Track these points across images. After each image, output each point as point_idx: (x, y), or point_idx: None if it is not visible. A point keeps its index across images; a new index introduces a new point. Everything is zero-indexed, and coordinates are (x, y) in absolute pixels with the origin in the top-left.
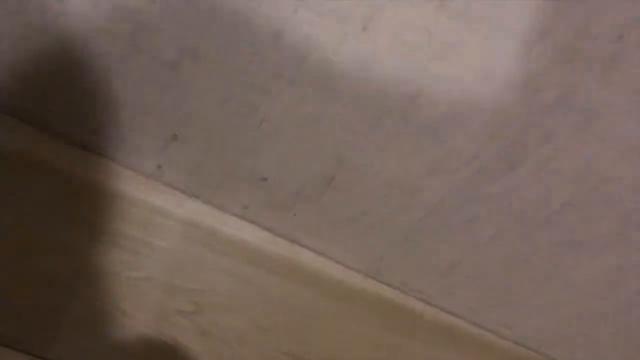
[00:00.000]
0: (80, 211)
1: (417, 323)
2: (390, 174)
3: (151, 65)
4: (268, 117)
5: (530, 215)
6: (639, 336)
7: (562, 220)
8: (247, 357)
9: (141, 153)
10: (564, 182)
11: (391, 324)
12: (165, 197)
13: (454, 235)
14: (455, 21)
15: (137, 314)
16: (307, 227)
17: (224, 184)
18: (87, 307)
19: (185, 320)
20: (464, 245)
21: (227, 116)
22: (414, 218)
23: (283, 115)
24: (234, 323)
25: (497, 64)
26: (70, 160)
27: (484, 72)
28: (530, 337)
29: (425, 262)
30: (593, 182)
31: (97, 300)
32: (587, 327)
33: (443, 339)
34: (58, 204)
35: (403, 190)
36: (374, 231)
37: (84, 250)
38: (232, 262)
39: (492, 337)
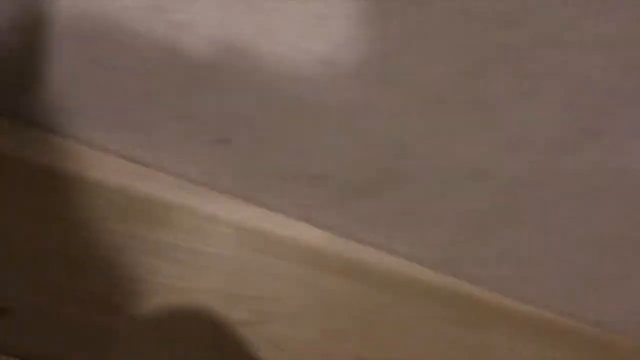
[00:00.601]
0: (129, 226)
1: (496, 316)
2: (451, 161)
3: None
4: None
5: (616, 187)
6: None
7: None
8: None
9: (187, 159)
10: None
11: (467, 318)
12: (216, 205)
13: (530, 219)
14: None
15: (194, 327)
16: (369, 223)
17: (276, 185)
18: (143, 323)
19: (248, 330)
20: (543, 229)
21: (272, 114)
22: (485, 203)
23: (331, 105)
24: (300, 331)
25: None
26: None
27: None
28: (619, 322)
29: (501, 250)
30: None
31: (152, 314)
32: None
33: (525, 330)
34: (113, 220)
35: (468, 175)
36: (441, 222)
37: (136, 266)
38: (292, 266)
39: (578, 324)
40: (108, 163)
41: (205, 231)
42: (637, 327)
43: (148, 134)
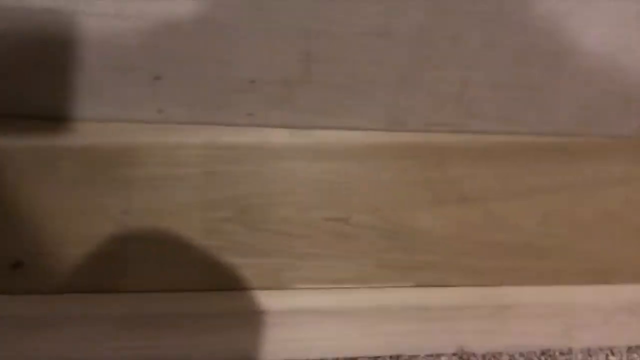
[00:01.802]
0: (112, 173)
1: (452, 153)
2: (359, 27)
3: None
4: (220, 23)
5: None
6: None
7: None
8: (291, 230)
9: (136, 105)
10: None
11: (425, 163)
12: (176, 133)
13: (449, 56)
14: None
15: (185, 234)
16: (313, 109)
17: (222, 102)
18: (142, 242)
19: (233, 224)
20: (462, 61)
21: (187, 38)
22: (402, 57)
23: (232, 15)
24: (279, 212)
25: None
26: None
27: None
28: (566, 121)
29: (434, 94)
30: None
31: (149, 233)
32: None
33: (481, 157)
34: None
35: (379, 35)
36: (372, 87)
37: (124, 201)
38: (259, 164)
39: (526, 137)
40: (84, 127)
41: (174, 158)
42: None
43: (99, 95)
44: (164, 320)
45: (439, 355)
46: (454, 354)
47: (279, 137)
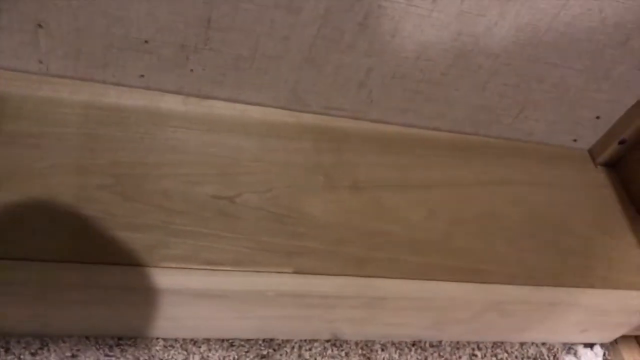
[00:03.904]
0: None
1: (349, 140)
2: None
3: None
4: None
5: None
6: None
7: None
8: (171, 205)
9: (14, 52)
10: None
11: (322, 147)
12: (56, 88)
13: (354, 42)
14: None
15: (54, 200)
16: (210, 79)
17: (110, 59)
18: (5, 205)
19: (109, 193)
20: (368, 48)
21: None
22: (308, 36)
23: None
24: (159, 184)
25: None
26: None
27: None
28: (462, 120)
29: (338, 78)
30: None
31: (13, 196)
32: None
33: (377, 146)
34: None
35: (289, 11)
36: (275, 63)
37: None
38: (146, 130)
39: (424, 132)
40: None
41: (50, 115)
42: (487, 123)
43: None
44: (27, 290)
45: (312, 341)
46: (328, 341)
47: (171, 103)
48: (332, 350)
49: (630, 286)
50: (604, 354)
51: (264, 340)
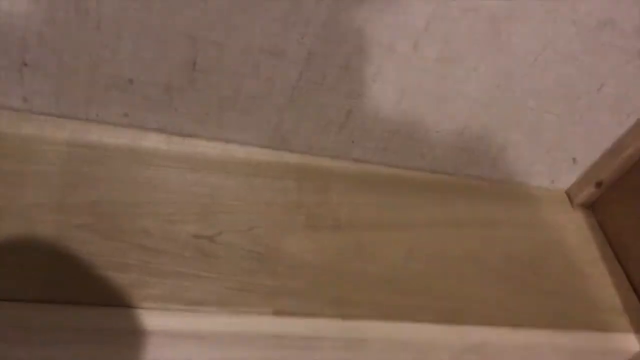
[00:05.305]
0: None
1: (331, 179)
2: (248, 41)
3: None
4: (103, 17)
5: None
6: None
7: None
8: (151, 244)
9: (0, 90)
10: None
11: (304, 186)
12: (39, 125)
13: (336, 85)
14: None
15: (33, 239)
16: (194, 118)
17: (94, 97)
18: None
19: (89, 232)
20: (350, 91)
21: (62, 27)
22: (291, 79)
23: (117, 10)
24: (139, 223)
25: None
26: None
27: None
28: (442, 160)
29: (320, 119)
30: None
31: None
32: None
33: (359, 186)
34: None
35: (272, 54)
36: (259, 103)
37: None
38: (128, 168)
39: (405, 172)
40: None
41: (32, 153)
42: (466, 164)
43: None
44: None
45: None
46: None
47: (154, 141)
48: None
49: (608, 328)
50: None
51: None
